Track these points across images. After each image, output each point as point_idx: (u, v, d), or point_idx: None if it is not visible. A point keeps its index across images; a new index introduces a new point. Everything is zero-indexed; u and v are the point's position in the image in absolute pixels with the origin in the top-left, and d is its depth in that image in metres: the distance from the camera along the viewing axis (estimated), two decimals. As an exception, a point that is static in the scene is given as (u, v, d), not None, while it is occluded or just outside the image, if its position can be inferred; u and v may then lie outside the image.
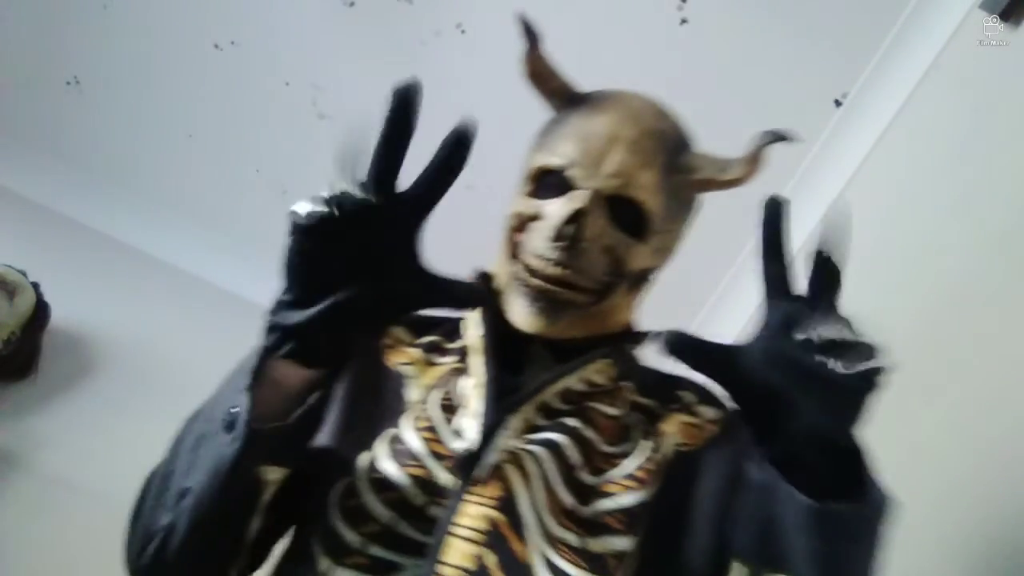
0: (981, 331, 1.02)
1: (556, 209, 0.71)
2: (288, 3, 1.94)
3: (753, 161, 0.73)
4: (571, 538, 0.61)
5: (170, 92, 2.21)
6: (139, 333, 2.36)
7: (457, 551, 0.58)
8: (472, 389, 0.69)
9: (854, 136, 1.73)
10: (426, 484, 0.63)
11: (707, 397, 0.76)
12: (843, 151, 1.76)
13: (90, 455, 2.11)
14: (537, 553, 0.59)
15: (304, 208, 0.56)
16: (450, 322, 0.82)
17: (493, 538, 0.59)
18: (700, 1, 1.70)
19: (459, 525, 0.59)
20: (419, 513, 0.61)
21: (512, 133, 2.12)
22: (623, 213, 0.71)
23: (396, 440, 0.67)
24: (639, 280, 0.76)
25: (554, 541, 0.61)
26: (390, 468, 0.64)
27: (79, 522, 2.02)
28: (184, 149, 2.32)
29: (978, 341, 1.02)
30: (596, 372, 0.72)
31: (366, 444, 0.67)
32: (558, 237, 0.69)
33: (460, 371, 0.73)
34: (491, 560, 0.58)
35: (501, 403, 0.66)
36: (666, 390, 0.77)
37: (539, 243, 0.71)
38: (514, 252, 0.75)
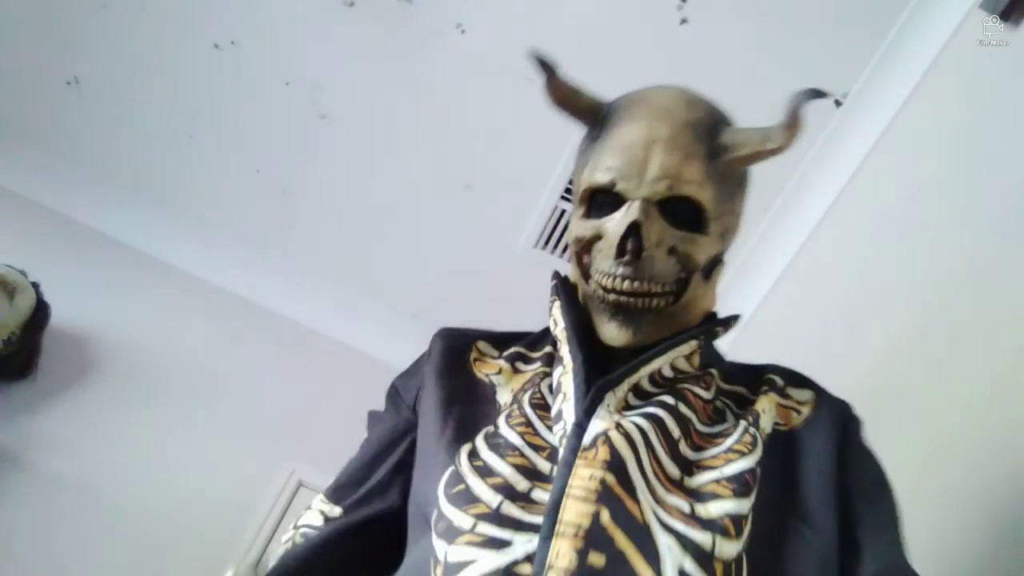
0: (981, 329, 1.02)
1: (613, 226, 0.72)
2: (288, 3, 1.94)
3: (793, 125, 0.74)
4: (682, 504, 0.62)
5: (170, 92, 2.21)
6: (139, 333, 2.36)
7: (572, 509, 0.59)
8: (565, 376, 0.72)
9: (854, 136, 1.73)
10: (527, 471, 0.65)
11: (796, 379, 0.78)
12: (843, 151, 1.76)
13: (90, 455, 2.11)
14: (651, 513, 0.61)
15: None
16: (531, 335, 0.85)
17: (606, 496, 0.60)
18: (700, 1, 1.70)
19: (573, 487, 0.61)
20: (524, 496, 0.63)
21: (511, 133, 2.12)
22: (679, 211, 0.72)
23: (494, 435, 0.70)
24: (711, 267, 0.77)
25: (665, 505, 0.62)
26: (491, 458, 0.67)
27: (79, 521, 2.02)
28: (184, 149, 2.33)
29: (978, 339, 1.02)
30: (683, 357, 0.74)
31: (466, 440, 0.70)
32: (620, 253, 0.71)
33: (546, 375, 0.76)
34: (606, 516, 0.59)
35: (595, 385, 0.68)
36: (753, 376, 0.78)
37: (605, 262, 0.73)
38: (585, 273, 0.77)
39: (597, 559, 0.57)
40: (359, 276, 2.52)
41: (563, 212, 2.15)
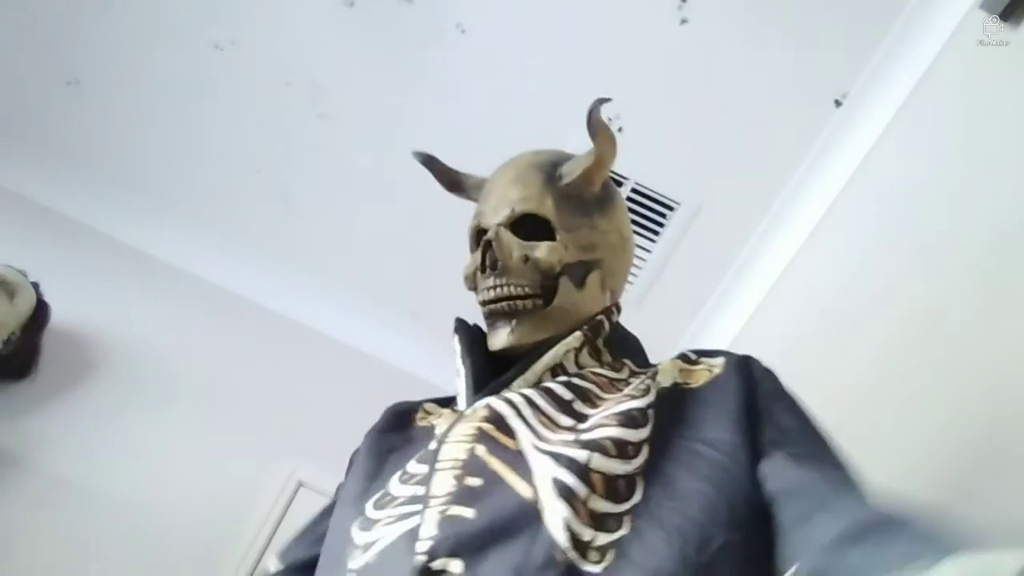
0: (980, 329, 1.02)
1: (476, 253, 0.90)
2: (288, 3, 1.94)
3: (598, 135, 0.88)
4: (566, 436, 0.68)
5: (170, 92, 2.21)
6: (138, 333, 2.36)
7: (450, 450, 0.69)
8: (459, 379, 0.83)
9: (854, 136, 1.73)
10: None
11: (709, 352, 0.84)
12: (843, 151, 1.76)
13: (90, 455, 2.12)
14: (528, 444, 0.68)
15: None
16: None
17: (481, 437, 0.68)
18: (700, 1, 1.70)
19: (451, 437, 0.70)
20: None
21: (511, 133, 2.12)
22: (526, 227, 0.87)
23: (424, 452, 0.76)
24: (581, 275, 0.87)
25: (547, 440, 0.69)
26: (415, 467, 0.73)
27: (79, 521, 2.02)
28: (184, 149, 2.33)
29: (977, 339, 1.02)
30: (586, 354, 0.82)
31: (396, 470, 0.77)
32: (483, 268, 0.87)
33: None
34: (481, 450, 0.67)
35: (487, 386, 0.77)
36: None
37: (480, 283, 0.89)
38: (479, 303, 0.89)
39: (473, 481, 0.64)
40: (359, 276, 2.52)
41: (563, 212, 2.15)
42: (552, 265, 0.85)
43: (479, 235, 0.92)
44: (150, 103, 2.25)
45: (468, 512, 0.61)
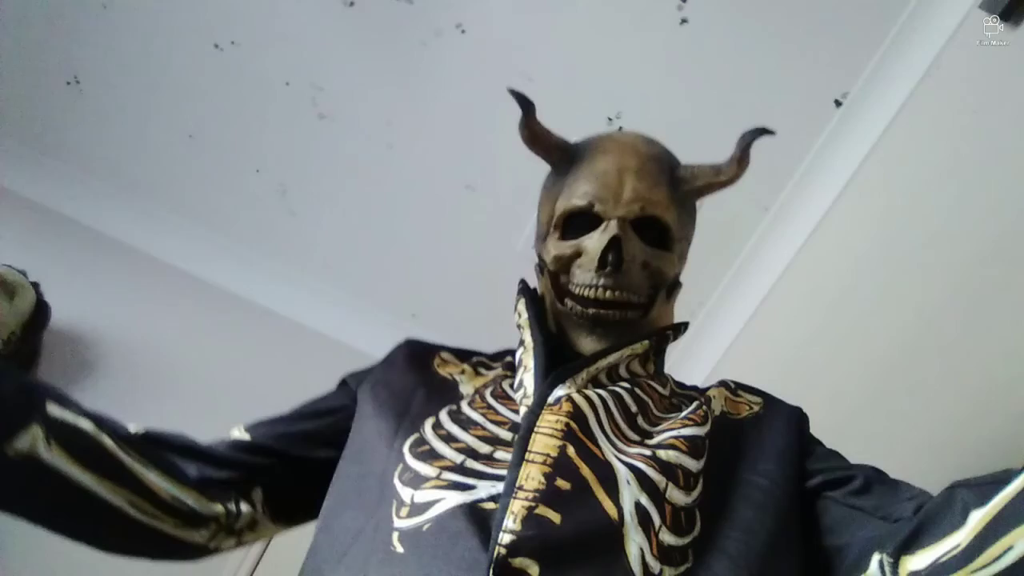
0: (981, 329, 1.02)
1: (594, 243, 0.80)
2: (288, 3, 1.94)
3: (741, 160, 0.84)
4: (643, 451, 0.67)
5: (170, 92, 2.21)
6: (139, 333, 2.36)
7: (541, 442, 0.65)
8: (526, 353, 0.79)
9: (854, 136, 1.73)
10: (489, 439, 0.70)
11: (748, 388, 0.84)
12: (843, 151, 1.76)
13: (90, 455, 2.11)
14: (612, 454, 0.66)
15: None
16: (491, 352, 0.93)
17: (571, 436, 0.66)
18: (700, 1, 1.70)
19: (542, 426, 0.66)
20: (486, 456, 0.68)
21: (511, 133, 2.12)
22: (649, 231, 0.81)
23: (456, 412, 0.75)
24: (673, 287, 0.86)
25: (625, 452, 0.67)
26: (454, 429, 0.72)
27: (79, 522, 2.02)
28: (184, 149, 2.33)
29: (978, 339, 1.02)
30: (637, 361, 0.80)
31: (429, 415, 0.75)
32: (602, 264, 0.78)
33: (506, 377, 0.83)
34: (571, 450, 0.64)
35: (555, 372, 0.73)
36: (701, 390, 0.85)
37: (586, 275, 0.80)
38: (561, 292, 0.84)
39: (563, 483, 0.62)
40: (359, 276, 2.52)
41: (563, 212, 2.15)
42: (668, 278, 0.83)
43: (580, 218, 0.82)
44: (150, 103, 2.25)
45: (555, 516, 0.59)
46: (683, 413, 0.74)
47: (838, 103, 1.75)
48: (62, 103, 2.30)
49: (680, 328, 0.87)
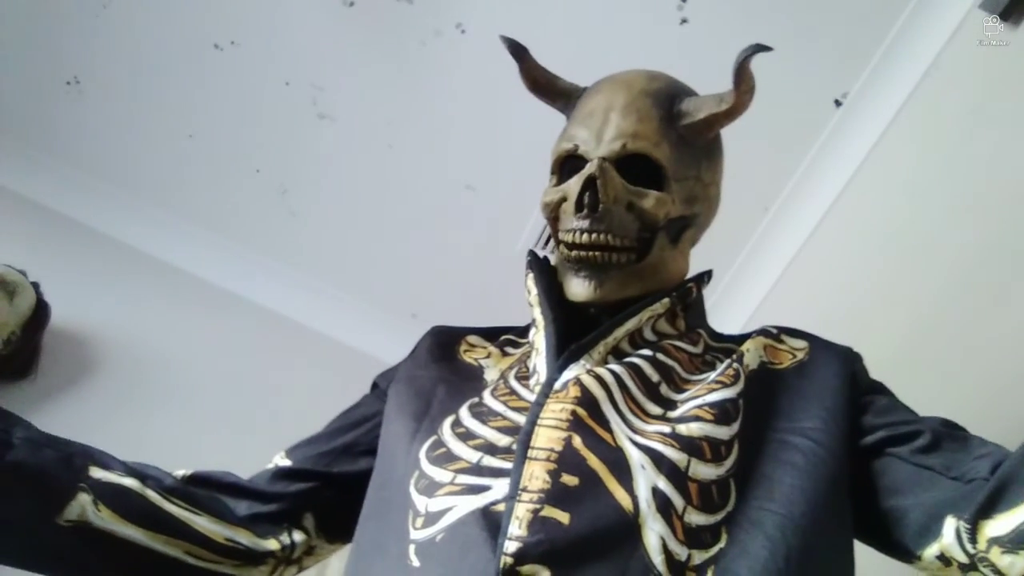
0: (981, 329, 1.02)
1: (573, 184, 0.76)
2: (288, 3, 1.94)
3: (743, 83, 0.79)
4: (662, 428, 0.62)
5: (170, 92, 2.21)
6: (139, 333, 2.36)
7: (544, 436, 0.61)
8: (538, 335, 0.74)
9: (854, 136, 1.73)
10: (509, 429, 0.66)
11: (792, 332, 0.78)
12: (843, 151, 1.76)
13: (90, 455, 2.11)
14: (625, 439, 0.61)
15: None
16: (520, 327, 0.88)
17: (577, 425, 0.61)
18: (700, 1, 1.70)
19: (544, 418, 0.62)
20: (504, 449, 0.64)
21: (511, 133, 2.13)
22: (636, 169, 0.76)
23: (478, 404, 0.71)
24: (678, 231, 0.80)
25: (642, 432, 0.62)
26: (473, 424, 0.68)
27: (79, 522, 2.02)
28: (184, 149, 2.32)
29: (977, 338, 1.02)
30: (664, 320, 0.75)
31: (449, 413, 0.71)
32: (579, 207, 0.75)
33: (532, 353, 0.77)
34: (578, 441, 0.60)
35: (570, 346, 0.69)
36: (743, 336, 0.79)
37: (568, 220, 0.77)
38: (556, 239, 0.80)
39: (570, 479, 0.58)
40: (359, 275, 2.52)
41: (563, 212, 2.14)
42: (657, 219, 0.76)
43: (570, 161, 0.79)
44: (150, 103, 2.24)
45: (563, 516, 0.56)
46: (712, 375, 0.69)
47: (838, 103, 1.75)
48: (62, 103, 2.30)
49: (703, 278, 0.82)
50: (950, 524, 0.57)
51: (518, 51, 0.88)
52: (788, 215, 1.92)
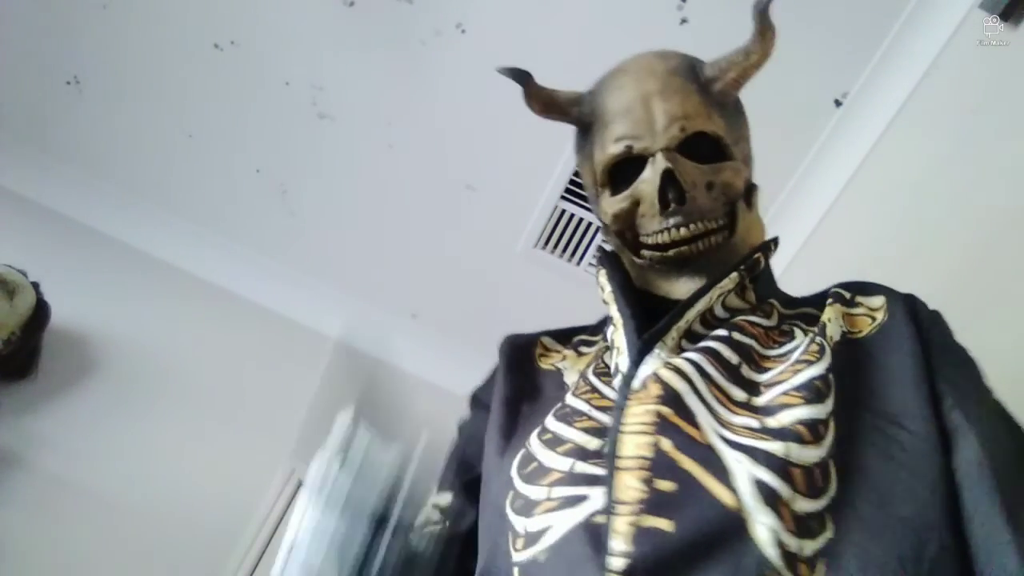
0: (980, 328, 1.02)
1: (647, 186, 0.73)
2: (288, 3, 1.94)
3: (763, 31, 0.76)
4: (750, 422, 0.60)
5: (170, 92, 2.21)
6: (139, 333, 2.36)
7: (630, 443, 0.58)
8: (616, 333, 0.71)
9: (854, 136, 1.73)
10: (597, 430, 0.64)
11: (864, 287, 0.75)
12: (843, 151, 1.76)
13: (90, 455, 2.11)
14: (714, 435, 0.59)
15: None
16: (592, 325, 0.86)
17: (663, 427, 0.58)
18: (700, 1, 1.70)
19: (627, 424, 0.60)
20: (596, 453, 0.62)
21: (511, 132, 2.12)
22: (698, 149, 0.73)
23: (562, 408, 0.69)
24: (749, 194, 0.79)
25: (732, 426, 0.60)
26: (559, 428, 0.66)
27: (79, 521, 2.02)
28: (184, 149, 2.33)
29: (977, 337, 1.02)
30: (733, 295, 0.72)
31: (536, 426, 0.69)
32: (664, 204, 0.72)
33: (608, 348, 0.75)
34: (667, 444, 0.57)
35: (646, 334, 0.67)
36: (820, 297, 0.76)
37: (653, 222, 0.74)
38: (634, 247, 0.77)
39: (666, 485, 0.55)
40: (359, 276, 2.52)
41: (563, 212, 2.14)
42: (739, 188, 0.74)
43: (624, 165, 0.75)
44: (150, 103, 2.25)
45: (666, 524, 0.53)
46: (793, 355, 0.65)
47: (838, 103, 1.75)
48: (62, 103, 2.30)
49: (770, 246, 0.78)
50: None
51: (521, 77, 0.83)
52: (788, 215, 1.92)
